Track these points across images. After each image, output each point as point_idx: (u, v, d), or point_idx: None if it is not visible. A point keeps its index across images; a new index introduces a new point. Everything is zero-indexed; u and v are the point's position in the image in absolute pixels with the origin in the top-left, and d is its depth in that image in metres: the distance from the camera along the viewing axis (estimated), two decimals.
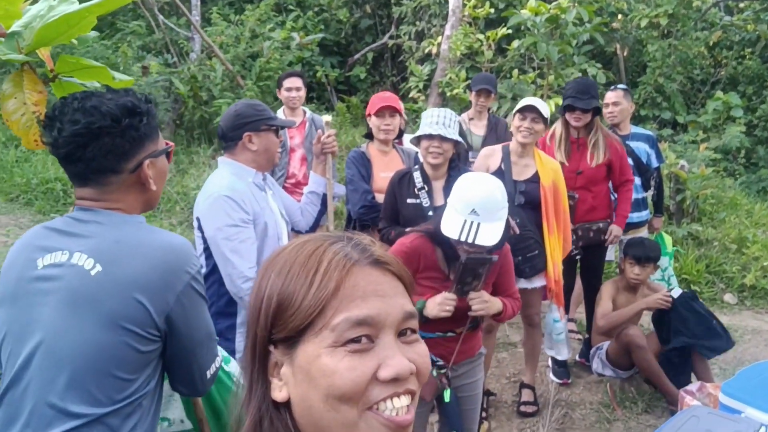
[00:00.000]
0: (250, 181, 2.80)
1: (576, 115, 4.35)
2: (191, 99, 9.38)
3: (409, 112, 9.28)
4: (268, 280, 0.92)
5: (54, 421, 1.53)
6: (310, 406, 0.87)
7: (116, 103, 1.64)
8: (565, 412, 4.32)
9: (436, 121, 3.35)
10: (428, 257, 2.76)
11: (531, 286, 4.08)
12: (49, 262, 1.61)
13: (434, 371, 2.79)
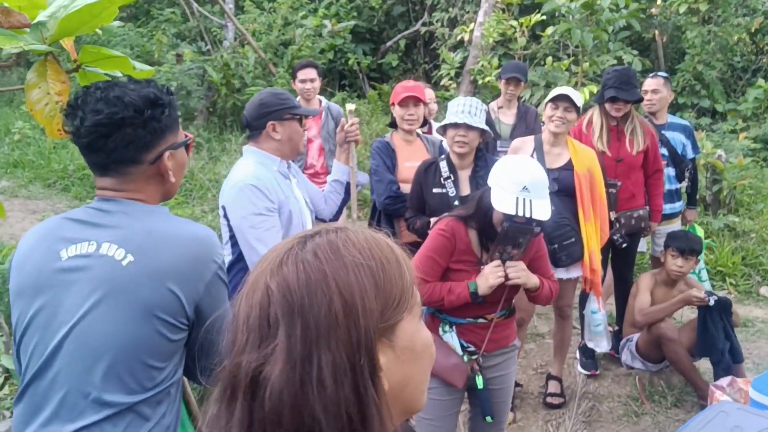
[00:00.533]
0: (275, 169, 2.81)
1: (618, 106, 4.29)
2: (224, 87, 9.46)
3: (441, 100, 9.23)
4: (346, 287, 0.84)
5: (87, 411, 1.53)
6: (407, 385, 0.89)
7: (139, 93, 1.64)
8: (592, 404, 4.28)
9: (462, 110, 3.32)
10: (463, 240, 2.76)
11: (567, 276, 4.04)
12: (75, 253, 1.61)
13: (465, 357, 2.77)
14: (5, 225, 6.84)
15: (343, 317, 0.81)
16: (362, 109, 10.18)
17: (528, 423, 4.10)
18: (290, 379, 0.79)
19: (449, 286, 2.73)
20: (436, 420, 2.88)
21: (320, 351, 0.80)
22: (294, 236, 0.91)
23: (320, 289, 0.82)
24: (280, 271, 0.85)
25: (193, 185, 8.03)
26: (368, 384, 0.82)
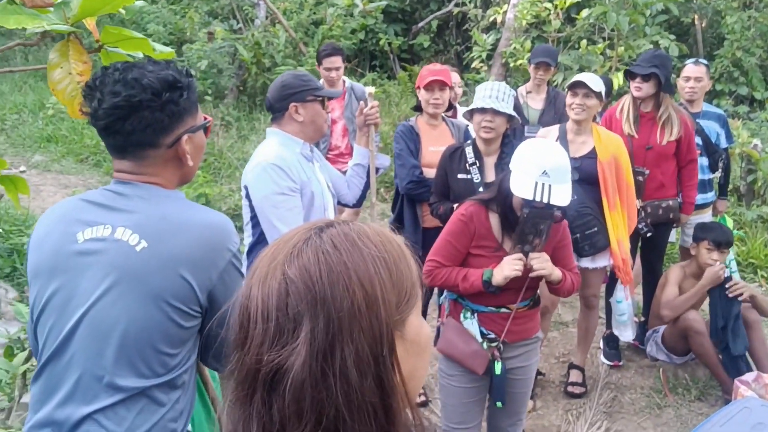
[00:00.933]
0: (297, 151, 2.81)
1: (636, 84, 4.23)
2: (254, 65, 9.47)
3: (472, 83, 9.13)
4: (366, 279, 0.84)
5: (101, 394, 1.56)
6: (413, 378, 0.90)
7: (157, 76, 1.62)
8: (614, 395, 4.24)
9: (489, 95, 3.27)
10: (482, 224, 2.74)
11: (593, 266, 3.99)
12: (91, 236, 1.61)
13: (485, 344, 2.76)
14: (38, 199, 6.96)
15: (366, 309, 0.81)
16: (392, 90, 10.13)
17: (548, 412, 4.08)
18: (312, 371, 0.78)
19: (465, 273, 2.71)
20: (460, 406, 2.88)
21: (343, 343, 0.80)
22: (306, 225, 0.90)
23: (342, 280, 0.82)
24: (298, 260, 0.84)
25: (221, 164, 8.09)
26: (391, 375, 0.83)
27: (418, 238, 3.85)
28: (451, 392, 2.89)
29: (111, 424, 1.55)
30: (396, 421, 0.83)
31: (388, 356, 0.83)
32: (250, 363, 0.82)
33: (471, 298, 2.78)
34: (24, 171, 8.22)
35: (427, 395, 4.13)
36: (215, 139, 8.64)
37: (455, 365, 2.85)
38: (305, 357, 0.79)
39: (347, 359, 0.79)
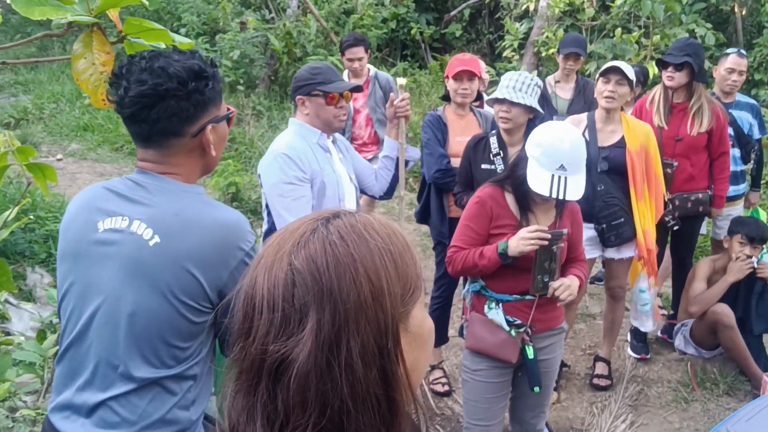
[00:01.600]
0: (314, 141, 2.83)
1: (669, 73, 4.15)
2: (285, 55, 9.52)
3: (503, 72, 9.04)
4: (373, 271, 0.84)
5: (116, 382, 1.60)
6: (414, 370, 0.90)
7: (183, 65, 1.62)
8: (641, 388, 4.19)
9: (508, 85, 3.25)
10: (499, 204, 2.73)
11: (619, 256, 3.95)
12: (109, 227, 1.64)
13: (512, 332, 2.73)
14: (74, 186, 7.12)
15: (372, 301, 0.82)
16: (423, 80, 10.09)
17: (572, 404, 4.06)
18: (318, 362, 0.79)
19: (480, 251, 2.69)
20: (483, 402, 2.84)
21: (349, 334, 0.80)
22: (313, 216, 0.90)
23: (349, 272, 0.82)
24: (305, 250, 0.84)
25: (252, 153, 8.16)
26: (395, 367, 0.83)
27: (445, 227, 3.85)
28: (475, 388, 2.86)
29: (124, 411, 1.59)
30: (399, 412, 0.84)
31: (393, 348, 0.83)
32: (254, 353, 0.82)
33: (494, 287, 2.76)
34: (61, 159, 8.41)
35: (450, 385, 4.14)
36: (246, 128, 8.72)
37: (481, 360, 2.81)
38: (311, 348, 0.79)
39: (353, 351, 0.79)
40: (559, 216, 2.76)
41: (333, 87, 2.83)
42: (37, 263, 5.24)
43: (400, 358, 0.84)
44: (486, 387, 2.83)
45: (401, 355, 0.84)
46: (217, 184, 6.73)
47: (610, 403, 4.04)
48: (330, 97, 2.82)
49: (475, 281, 2.82)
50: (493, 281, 2.77)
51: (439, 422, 3.87)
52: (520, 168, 2.63)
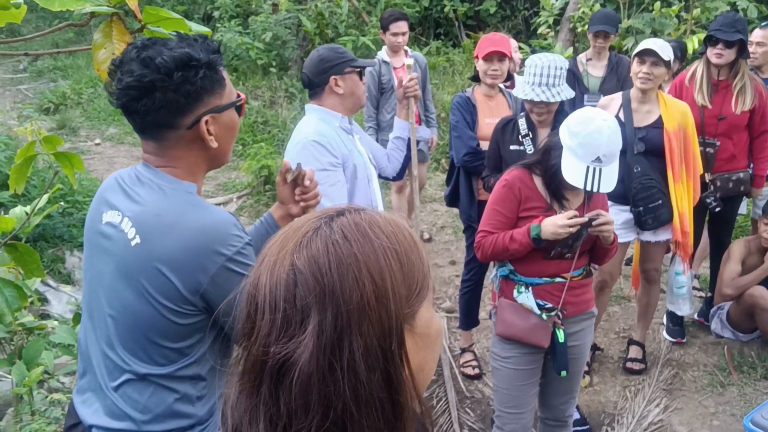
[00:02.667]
0: (336, 125, 2.80)
1: (718, 50, 4.00)
2: (317, 36, 9.49)
3: (538, 50, 8.88)
4: (377, 272, 0.82)
5: (115, 372, 1.63)
6: (422, 370, 0.88)
7: (172, 54, 1.54)
8: (676, 372, 4.12)
9: (539, 82, 3.13)
10: (528, 186, 2.69)
11: (655, 239, 3.87)
12: (108, 220, 1.64)
13: (543, 315, 2.68)
14: (111, 170, 7.23)
15: (375, 302, 0.79)
16: (456, 59, 9.98)
17: (605, 387, 4.01)
18: (320, 364, 0.77)
19: (511, 234, 2.64)
20: (514, 390, 2.80)
21: (351, 336, 0.78)
22: (317, 214, 0.88)
23: (352, 272, 0.80)
24: (307, 250, 0.82)
25: (285, 135, 8.18)
26: (399, 370, 0.81)
27: (474, 211, 3.81)
28: (505, 376, 2.82)
29: (126, 406, 1.61)
30: (404, 415, 0.82)
31: (397, 350, 0.81)
32: (256, 354, 0.81)
33: (523, 271, 2.72)
34: (99, 143, 8.56)
35: (481, 368, 4.13)
36: (279, 111, 8.75)
37: (511, 347, 2.77)
38: (313, 350, 0.77)
39: (355, 353, 0.78)
40: (588, 198, 2.71)
41: (363, 63, 2.88)
42: (75, 247, 5.35)
43: (405, 360, 0.82)
44: (517, 374, 2.79)
45: (406, 358, 0.82)
46: (250, 168, 6.77)
47: (643, 387, 3.98)
48: (362, 73, 2.84)
49: (504, 265, 2.78)
50: (521, 265, 2.73)
51: (469, 405, 3.87)
52: (552, 157, 2.58)
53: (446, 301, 4.98)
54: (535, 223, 2.60)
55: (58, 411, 2.45)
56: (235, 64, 9.71)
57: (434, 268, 5.53)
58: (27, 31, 11.67)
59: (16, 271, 2.18)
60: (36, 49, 11.35)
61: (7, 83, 10.86)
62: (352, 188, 2.77)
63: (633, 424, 3.68)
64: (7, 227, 2.34)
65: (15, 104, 9.30)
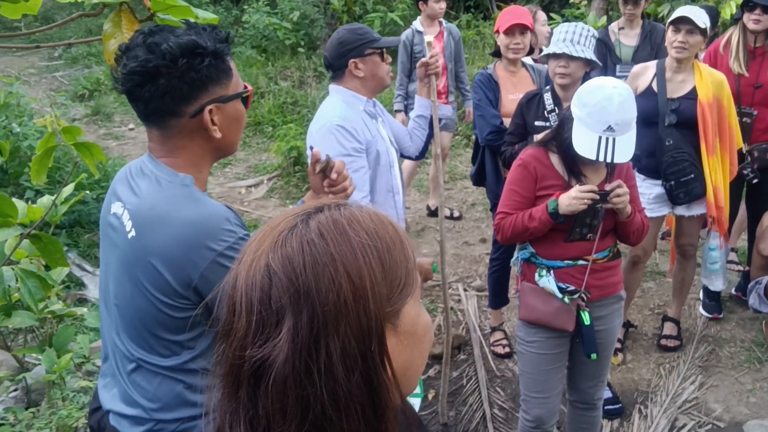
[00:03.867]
0: (361, 109, 2.77)
1: (755, 16, 3.85)
2: (345, 14, 9.43)
3: (571, 19, 8.68)
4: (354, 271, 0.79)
5: (124, 360, 1.66)
6: (409, 369, 0.86)
7: (178, 41, 1.53)
8: (712, 348, 4.04)
9: (564, 38, 3.08)
10: (543, 164, 2.62)
11: (689, 213, 3.78)
12: (114, 211, 1.65)
13: (566, 299, 2.62)
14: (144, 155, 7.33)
15: (353, 302, 0.77)
16: (486, 32, 9.82)
17: (638, 365, 3.95)
18: (296, 367, 0.75)
19: (529, 213, 2.58)
20: (540, 374, 2.75)
21: (328, 338, 0.76)
22: (295, 211, 0.86)
23: (328, 272, 0.77)
24: (282, 250, 0.80)
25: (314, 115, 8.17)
26: (380, 371, 0.79)
27: (500, 190, 3.73)
28: (531, 360, 2.77)
29: (136, 394, 1.64)
30: (386, 417, 0.80)
31: (377, 351, 0.79)
32: (233, 356, 0.80)
33: (545, 254, 2.66)
34: (132, 128, 8.66)
35: (511, 346, 4.10)
36: (308, 91, 8.73)
37: (535, 331, 2.72)
38: (288, 352, 0.75)
39: (333, 355, 0.76)
40: (610, 174, 2.63)
41: (384, 42, 2.80)
42: None
43: (386, 360, 0.80)
44: (542, 358, 2.74)
45: (387, 358, 0.80)
46: (279, 149, 6.78)
47: (678, 364, 3.91)
48: (384, 54, 2.79)
49: (524, 248, 2.72)
50: (542, 247, 2.67)
51: (499, 384, 3.85)
52: (565, 130, 2.51)
53: (476, 279, 4.94)
54: (551, 199, 2.54)
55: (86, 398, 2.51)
56: (264, 44, 9.71)
57: (464, 247, 5.49)
58: (60, 18, 11.84)
59: (38, 262, 2.22)
60: (70, 36, 11.53)
61: (43, 70, 11.04)
62: (374, 174, 2.75)
63: (667, 401, 3.62)
64: (35, 216, 2.38)
65: (50, 91, 9.45)
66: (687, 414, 3.55)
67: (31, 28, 10.20)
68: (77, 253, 5.10)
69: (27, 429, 2.35)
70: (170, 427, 1.63)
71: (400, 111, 5.35)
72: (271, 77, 9.11)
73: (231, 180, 7.01)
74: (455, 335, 4.05)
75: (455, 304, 4.56)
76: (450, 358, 3.50)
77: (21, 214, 2.23)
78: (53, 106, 6.90)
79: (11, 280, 1.97)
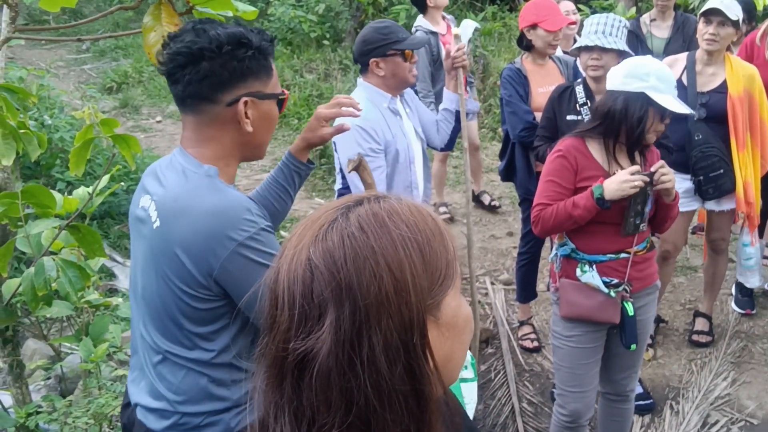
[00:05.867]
0: (385, 106, 2.79)
1: None
2: (371, 6, 9.40)
3: (599, 11, 8.58)
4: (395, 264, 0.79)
5: (151, 352, 1.68)
6: (450, 361, 0.86)
7: (227, 30, 1.57)
8: (744, 344, 3.99)
9: (595, 30, 3.05)
10: (583, 154, 2.60)
11: (719, 208, 3.73)
12: (142, 205, 1.68)
13: (611, 292, 2.60)
14: (172, 147, 7.35)
15: (394, 295, 0.78)
16: (513, 23, 9.73)
17: (669, 361, 3.91)
18: (339, 360, 0.76)
19: (572, 201, 2.55)
20: (577, 368, 2.73)
21: (371, 331, 0.77)
22: (335, 204, 0.86)
23: (369, 265, 0.78)
24: (323, 243, 0.80)
25: None
26: (422, 363, 0.79)
27: (533, 184, 3.71)
28: (568, 354, 2.74)
29: (162, 387, 1.66)
30: (429, 407, 0.80)
31: (419, 343, 0.79)
32: (276, 349, 0.81)
33: (586, 248, 2.63)
34: (160, 121, 8.74)
35: (540, 341, 4.08)
36: (334, 83, 8.73)
37: (574, 325, 2.69)
38: (331, 346, 0.76)
39: (375, 348, 0.76)
40: (644, 160, 2.63)
41: (408, 44, 2.79)
42: None
43: (429, 353, 0.80)
44: (581, 353, 2.72)
45: (429, 350, 0.80)
46: None
47: (710, 360, 3.87)
48: (407, 55, 2.78)
49: (564, 244, 2.69)
50: (583, 242, 2.64)
51: (528, 378, 3.83)
52: (631, 111, 2.48)
53: (504, 273, 4.93)
54: (596, 185, 2.51)
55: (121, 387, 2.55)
56: (290, 37, 9.72)
57: (491, 240, 5.47)
58: (89, 12, 11.96)
59: (78, 252, 2.25)
60: (97, 29, 11.64)
61: (72, 63, 11.18)
62: (392, 171, 2.78)
63: (699, 398, 3.58)
64: (71, 207, 2.41)
65: (79, 84, 9.55)
66: (719, 410, 3.51)
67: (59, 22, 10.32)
68: (108, 243, 5.17)
69: (64, 417, 2.39)
70: (195, 421, 1.65)
71: None
72: (296, 70, 9.13)
73: (257, 172, 7.04)
74: (483, 329, 4.04)
75: (482, 297, 4.54)
76: (478, 351, 3.50)
77: (58, 206, 2.27)
78: (84, 99, 6.98)
79: (52, 270, 2.00)
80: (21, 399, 2.56)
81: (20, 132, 2.08)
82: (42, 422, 2.41)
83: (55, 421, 2.40)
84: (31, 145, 2.15)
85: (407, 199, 0.87)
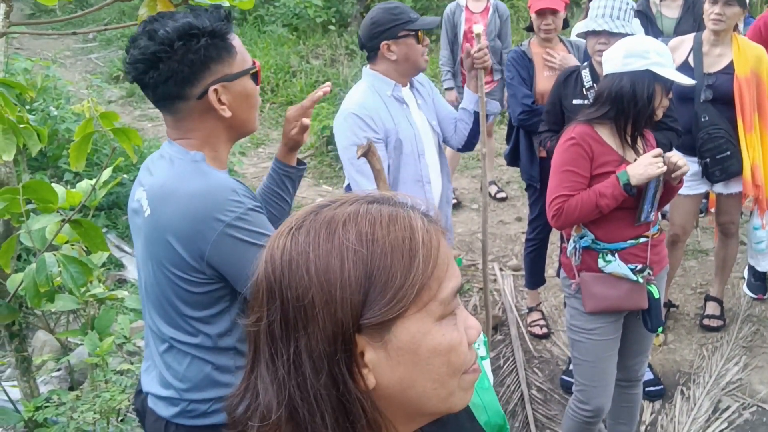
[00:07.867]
0: (388, 94, 2.69)
1: None
2: None
3: None
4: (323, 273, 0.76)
5: (157, 340, 1.71)
6: (409, 388, 0.79)
7: (175, 25, 1.54)
8: (756, 328, 3.94)
9: (603, 13, 2.99)
10: (596, 140, 2.54)
11: (728, 191, 3.68)
12: (137, 197, 1.69)
13: (638, 278, 2.56)
14: None
15: (321, 305, 0.75)
16: (521, 4, 9.63)
17: (680, 346, 3.88)
18: (271, 352, 0.79)
19: (597, 190, 2.49)
20: (600, 362, 2.68)
21: (298, 333, 0.77)
22: (327, 199, 0.84)
23: (300, 271, 0.77)
24: (277, 241, 0.81)
25: (347, 93, 8.13)
26: (347, 378, 0.76)
27: (535, 170, 3.69)
28: (590, 348, 2.67)
29: (168, 375, 1.69)
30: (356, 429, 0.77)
31: (343, 358, 0.76)
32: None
33: (606, 237, 2.57)
34: None
35: (549, 327, 4.06)
36: (340, 69, 8.68)
37: (596, 317, 2.63)
38: (265, 339, 0.79)
39: (302, 351, 0.77)
40: (646, 143, 2.62)
41: (420, 24, 2.68)
42: None
43: (357, 372, 0.77)
44: (604, 345, 2.66)
45: (358, 369, 0.77)
46: (312, 129, 6.76)
47: (721, 345, 3.83)
48: (419, 36, 2.69)
49: (583, 236, 2.61)
50: (602, 231, 2.58)
51: (537, 365, 3.81)
52: (639, 91, 2.43)
53: (512, 259, 4.90)
54: (620, 171, 2.47)
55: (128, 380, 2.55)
56: (295, 23, 9.66)
57: (499, 225, 5.44)
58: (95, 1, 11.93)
59: (79, 246, 2.24)
60: (104, 18, 11.61)
61: (78, 53, 11.15)
62: (397, 163, 2.68)
63: (710, 383, 3.55)
64: (75, 201, 2.40)
65: (85, 74, 9.55)
66: (731, 396, 3.48)
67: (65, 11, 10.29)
68: (116, 234, 5.18)
69: (71, 412, 2.40)
70: (202, 408, 1.67)
71: (451, 89, 5.21)
72: (302, 56, 9.07)
73: (264, 160, 7.03)
74: (492, 315, 4.02)
75: (491, 284, 4.52)
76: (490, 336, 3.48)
77: (60, 199, 2.26)
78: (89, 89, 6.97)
79: (53, 266, 1.99)
80: (29, 393, 2.57)
81: (20, 127, 2.06)
82: (50, 416, 2.42)
83: (62, 415, 2.41)
84: (32, 139, 2.14)
85: (391, 208, 0.81)
